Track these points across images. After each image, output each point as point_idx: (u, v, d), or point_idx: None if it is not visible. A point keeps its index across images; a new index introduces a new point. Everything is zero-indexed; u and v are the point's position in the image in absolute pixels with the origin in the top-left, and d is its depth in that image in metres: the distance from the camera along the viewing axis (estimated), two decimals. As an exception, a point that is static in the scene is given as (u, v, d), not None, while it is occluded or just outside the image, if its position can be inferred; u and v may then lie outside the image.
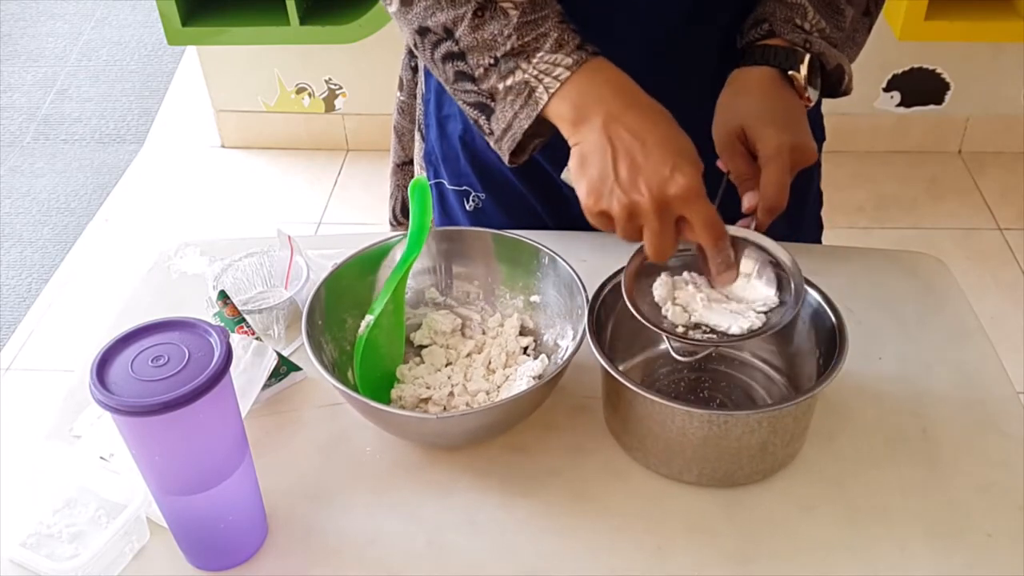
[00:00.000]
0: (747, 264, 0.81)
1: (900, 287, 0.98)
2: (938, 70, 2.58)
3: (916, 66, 2.57)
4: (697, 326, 0.79)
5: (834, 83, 0.91)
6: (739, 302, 0.80)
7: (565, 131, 0.79)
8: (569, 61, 0.78)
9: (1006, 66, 2.55)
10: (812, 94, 0.88)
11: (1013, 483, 0.79)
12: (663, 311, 0.80)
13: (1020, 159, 2.68)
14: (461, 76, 0.83)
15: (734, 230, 0.81)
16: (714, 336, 0.78)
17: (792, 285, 0.79)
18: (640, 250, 0.79)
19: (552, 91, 0.78)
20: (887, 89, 2.62)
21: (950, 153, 2.71)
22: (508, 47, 0.79)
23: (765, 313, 0.78)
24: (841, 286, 0.90)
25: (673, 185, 0.73)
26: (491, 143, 0.84)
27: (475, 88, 0.82)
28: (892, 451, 0.82)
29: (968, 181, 2.63)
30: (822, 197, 1.16)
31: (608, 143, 0.75)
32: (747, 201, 0.83)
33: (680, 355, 0.81)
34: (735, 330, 0.77)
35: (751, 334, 0.77)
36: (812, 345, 0.83)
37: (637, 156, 0.75)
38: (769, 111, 0.85)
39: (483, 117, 0.83)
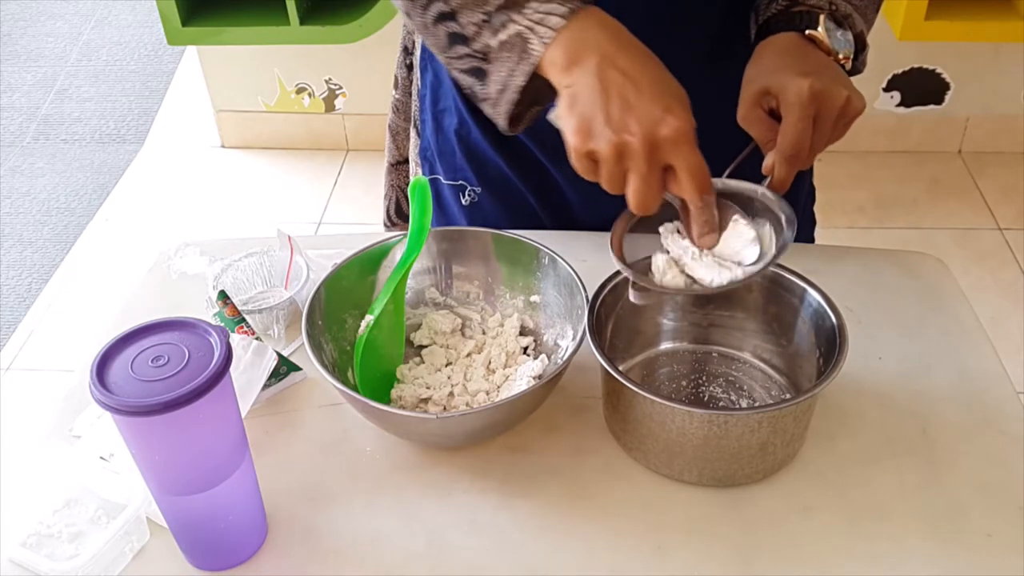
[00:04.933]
0: (734, 214, 0.79)
1: (900, 287, 0.98)
2: (938, 70, 2.58)
3: (916, 66, 2.57)
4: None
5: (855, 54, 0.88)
6: (733, 251, 0.78)
7: (556, 77, 0.76)
8: (564, 10, 0.76)
9: (1006, 66, 2.55)
10: (843, 47, 0.84)
11: (1013, 483, 0.79)
12: (652, 265, 0.79)
13: (1020, 159, 2.68)
14: (454, 38, 0.80)
15: (722, 183, 0.80)
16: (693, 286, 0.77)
17: (783, 228, 0.78)
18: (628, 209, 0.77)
19: (547, 41, 0.76)
20: (887, 89, 2.62)
21: (950, 153, 2.71)
22: (499, 1, 0.77)
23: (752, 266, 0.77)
24: (841, 286, 0.90)
25: (665, 126, 0.71)
26: (488, 110, 0.82)
27: (468, 50, 0.80)
28: (892, 451, 0.82)
29: (968, 181, 2.63)
30: (815, 192, 1.16)
31: (600, 83, 0.73)
32: (768, 159, 0.81)
33: (634, 298, 0.80)
34: (715, 284, 0.76)
35: (718, 288, 0.76)
36: (812, 345, 0.83)
37: (630, 96, 0.72)
38: (789, 65, 0.82)
39: (478, 83, 0.81)
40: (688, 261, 0.78)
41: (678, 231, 0.80)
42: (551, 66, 0.76)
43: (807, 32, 0.83)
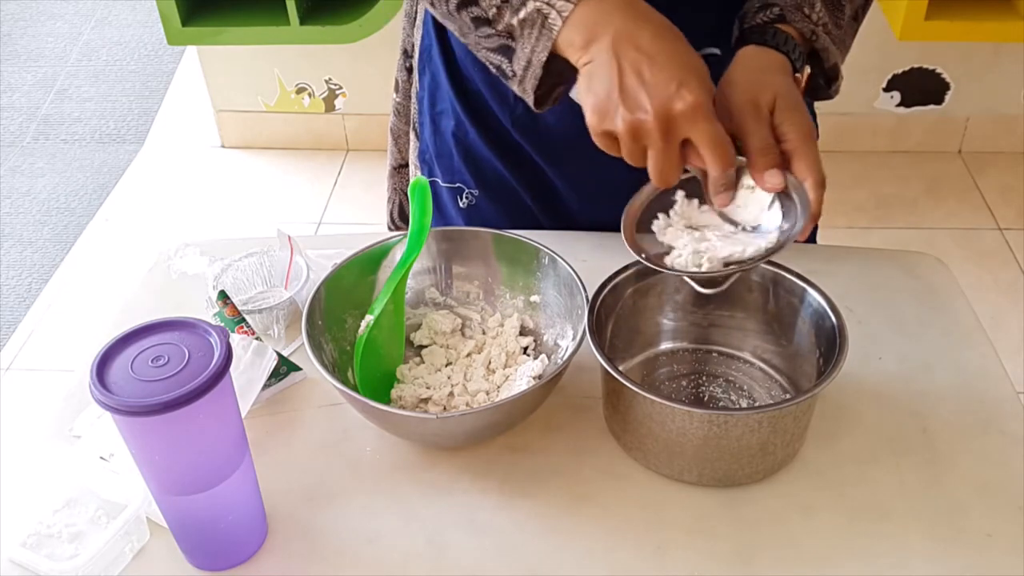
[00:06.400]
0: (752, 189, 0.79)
1: (900, 287, 0.98)
2: (938, 70, 2.58)
3: (916, 66, 2.57)
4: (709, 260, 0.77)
5: (825, 83, 0.89)
6: (751, 216, 0.78)
7: (574, 55, 0.77)
8: None
9: (1006, 66, 2.55)
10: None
11: (1013, 483, 0.79)
12: (669, 257, 0.78)
13: (1020, 159, 2.68)
14: (478, 22, 0.82)
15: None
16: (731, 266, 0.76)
17: (797, 203, 0.77)
18: (641, 191, 0.78)
19: (565, 15, 0.76)
20: (887, 89, 2.62)
21: (950, 153, 2.71)
22: None
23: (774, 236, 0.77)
24: (841, 286, 0.90)
25: (679, 101, 0.71)
26: (515, 88, 0.83)
27: (494, 31, 0.81)
28: (892, 451, 0.82)
29: (968, 181, 2.63)
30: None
31: (615, 60, 0.74)
32: (771, 181, 0.77)
33: (704, 287, 0.79)
34: (750, 253, 0.75)
35: (766, 253, 0.75)
36: (812, 345, 0.83)
37: (644, 72, 0.73)
38: (796, 99, 0.81)
39: (506, 61, 0.82)
40: (713, 242, 0.78)
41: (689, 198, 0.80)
42: (568, 46, 0.77)
43: (795, 75, 0.83)
